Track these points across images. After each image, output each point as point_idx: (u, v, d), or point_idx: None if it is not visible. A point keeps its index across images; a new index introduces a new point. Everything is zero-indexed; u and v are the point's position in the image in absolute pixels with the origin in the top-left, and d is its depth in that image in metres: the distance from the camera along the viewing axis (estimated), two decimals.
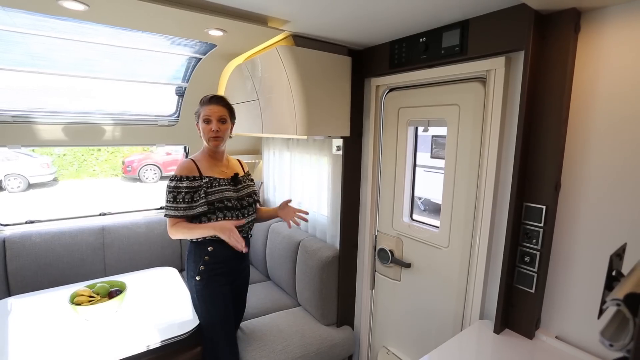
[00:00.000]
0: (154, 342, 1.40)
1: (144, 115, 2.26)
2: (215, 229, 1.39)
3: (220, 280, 1.51)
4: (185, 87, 2.16)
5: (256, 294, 2.24)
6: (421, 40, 1.39)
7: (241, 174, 1.61)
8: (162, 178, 8.69)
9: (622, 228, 0.99)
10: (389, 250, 1.70)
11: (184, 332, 1.46)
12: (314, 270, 1.93)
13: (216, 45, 1.75)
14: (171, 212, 1.41)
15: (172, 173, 1.46)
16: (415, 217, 1.69)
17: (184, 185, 1.40)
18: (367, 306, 1.91)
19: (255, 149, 2.95)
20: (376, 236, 1.81)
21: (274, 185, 2.77)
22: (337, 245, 1.96)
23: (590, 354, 1.07)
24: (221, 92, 2.25)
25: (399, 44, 1.50)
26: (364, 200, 1.85)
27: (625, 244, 0.78)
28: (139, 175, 8.64)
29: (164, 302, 1.71)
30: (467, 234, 1.36)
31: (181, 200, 1.41)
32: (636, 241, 0.96)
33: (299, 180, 2.43)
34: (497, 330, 1.19)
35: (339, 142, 1.89)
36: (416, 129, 1.63)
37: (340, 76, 1.69)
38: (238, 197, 1.52)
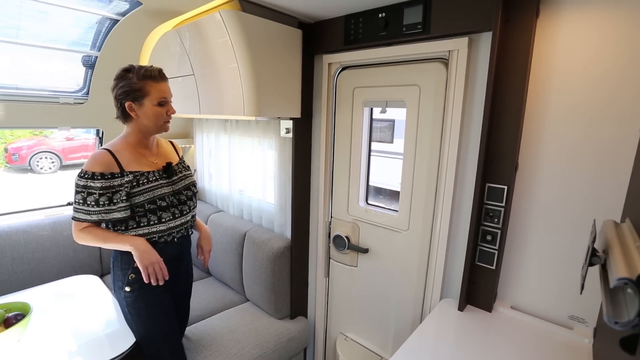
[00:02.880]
0: None
1: (38, 90, 1.80)
2: (135, 250, 1.16)
3: (156, 288, 1.26)
4: (96, 57, 1.77)
5: (197, 293, 2.02)
6: (380, 15, 1.32)
7: (175, 161, 1.36)
8: (63, 167, 7.44)
9: (573, 206, 1.07)
10: (345, 237, 1.66)
11: (117, 355, 1.22)
12: (264, 263, 1.80)
13: (141, 4, 1.44)
14: (80, 216, 1.15)
15: (75, 161, 1.15)
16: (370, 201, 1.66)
17: (98, 185, 1.12)
18: (322, 295, 1.85)
19: (186, 132, 2.63)
20: (330, 222, 1.75)
21: (210, 173, 2.51)
22: (287, 235, 1.86)
23: (541, 319, 1.17)
24: (143, 64, 1.91)
25: (355, 18, 1.40)
26: (316, 185, 1.76)
27: (594, 221, 0.83)
28: (29, 165, 7.25)
29: (85, 319, 1.42)
30: (427, 217, 1.37)
31: (93, 202, 1.13)
32: (588, 218, 1.04)
33: (240, 166, 2.23)
34: (461, 307, 1.23)
35: (287, 124, 1.75)
36: (372, 110, 1.58)
37: (290, 51, 1.53)
38: (174, 192, 1.28)
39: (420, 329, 1.16)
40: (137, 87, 1.17)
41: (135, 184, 1.18)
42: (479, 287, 1.23)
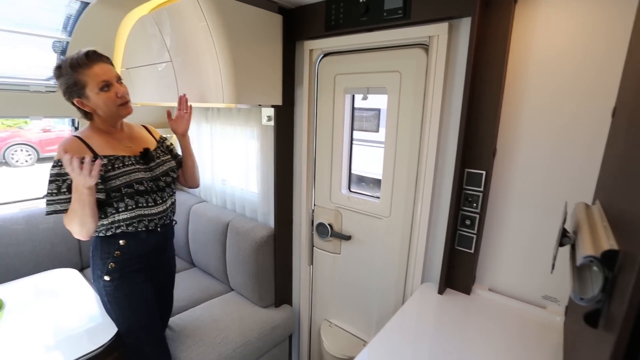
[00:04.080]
0: None
1: (7, 78, 1.72)
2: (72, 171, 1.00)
3: (136, 277, 1.26)
4: (67, 42, 1.70)
5: (181, 284, 2.00)
6: (361, 0, 1.30)
7: (152, 145, 1.32)
8: (40, 160, 7.20)
9: (548, 190, 1.09)
10: (328, 224, 1.66)
11: (97, 347, 1.20)
12: (247, 252, 1.79)
13: None
14: (57, 207, 1.08)
15: (53, 154, 1.09)
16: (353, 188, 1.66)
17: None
18: (306, 282, 1.86)
19: (166, 121, 2.56)
20: (313, 210, 1.75)
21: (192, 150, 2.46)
22: (271, 224, 1.85)
23: (517, 299, 1.20)
24: (119, 51, 1.84)
25: (336, 3, 1.38)
26: (299, 173, 1.75)
27: (566, 203, 0.85)
28: (4, 158, 6.99)
29: (63, 313, 1.39)
30: (408, 203, 1.38)
31: (66, 190, 1.08)
32: (563, 201, 1.07)
33: (223, 155, 2.20)
34: (441, 291, 1.26)
35: (269, 111, 1.73)
36: (353, 97, 1.57)
37: (271, 37, 1.50)
38: (152, 178, 1.25)
39: (401, 312, 1.19)
40: (72, 82, 1.09)
41: (110, 167, 1.14)
42: (458, 271, 1.26)
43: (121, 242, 1.21)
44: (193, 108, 1.44)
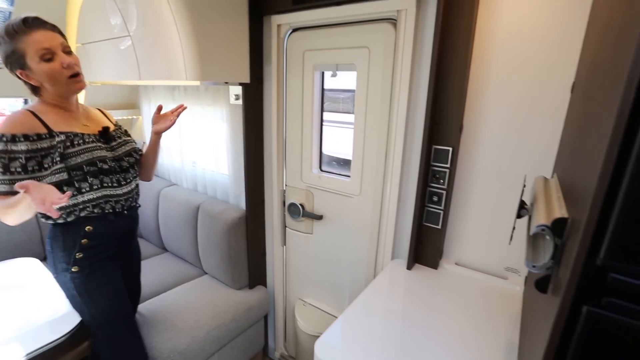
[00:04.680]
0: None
1: None
2: (33, 193, 0.86)
3: (108, 265, 1.19)
4: (10, 12, 1.55)
5: (153, 269, 1.96)
6: None
7: (111, 127, 1.24)
8: None
9: (511, 165, 1.12)
10: (300, 204, 1.65)
11: (60, 336, 1.16)
12: (219, 235, 1.76)
13: None
14: (1, 188, 0.98)
15: None
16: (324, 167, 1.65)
17: (22, 148, 0.96)
18: (279, 263, 1.86)
19: (131, 102, 2.44)
20: (284, 191, 1.73)
21: (161, 145, 2.37)
22: (242, 205, 1.82)
23: (481, 272, 1.25)
24: (73, 25, 1.71)
25: None
26: (269, 153, 1.71)
27: (525, 176, 0.87)
28: None
29: (24, 304, 1.33)
30: (378, 180, 1.38)
31: (19, 169, 0.97)
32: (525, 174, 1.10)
33: (192, 137, 2.12)
34: (410, 266, 1.28)
35: (237, 90, 1.67)
36: (323, 74, 1.53)
37: (236, 10, 1.43)
38: (115, 158, 1.17)
39: (371, 287, 1.20)
40: (10, 51, 0.98)
41: (69, 144, 1.04)
42: (426, 247, 1.29)
43: (87, 228, 1.12)
44: (160, 87, 1.37)
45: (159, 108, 1.36)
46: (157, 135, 1.35)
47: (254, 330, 1.87)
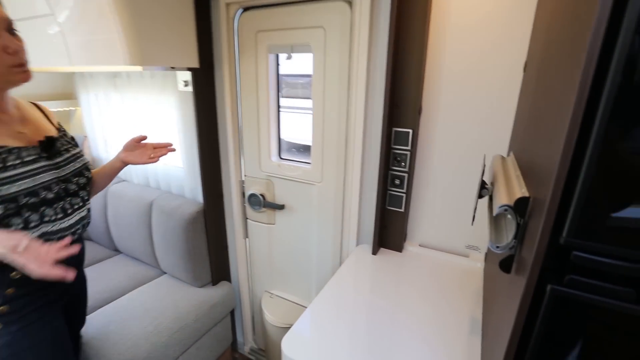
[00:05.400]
0: None
1: None
2: (15, 253, 0.71)
3: (44, 316, 0.92)
4: None
5: (105, 273, 1.82)
6: None
7: (52, 131, 0.96)
8: None
9: (469, 145, 1.13)
10: (260, 195, 1.59)
11: None
12: (176, 231, 1.66)
13: None
14: None
15: None
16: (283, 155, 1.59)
17: None
18: (243, 256, 1.80)
19: (67, 92, 2.20)
20: (243, 181, 1.65)
21: (105, 139, 2.18)
22: (200, 199, 1.72)
23: (444, 252, 1.27)
24: None
25: None
26: (225, 143, 1.62)
27: (485, 156, 0.87)
28: None
29: None
30: (339, 166, 1.35)
31: None
32: (482, 155, 1.11)
33: (139, 129, 1.96)
34: (375, 251, 1.28)
35: (185, 75, 1.55)
36: (277, 57, 1.45)
37: None
38: (62, 179, 0.90)
39: (337, 275, 1.19)
40: None
41: (1, 165, 0.78)
42: (390, 230, 1.28)
43: (13, 274, 0.84)
44: (99, 75, 1.19)
45: (140, 138, 1.12)
46: (122, 164, 1.12)
47: (220, 327, 1.80)
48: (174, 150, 1.17)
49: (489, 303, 0.90)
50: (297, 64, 1.47)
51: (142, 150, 1.12)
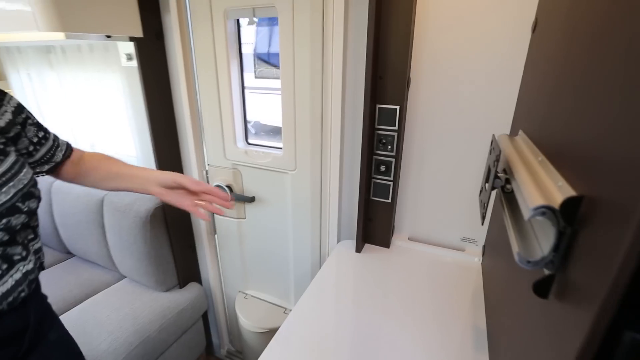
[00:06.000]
0: None
1: None
2: None
3: None
4: None
5: (54, 281, 1.59)
6: None
7: None
8: None
9: (463, 123, 0.96)
10: (227, 186, 1.38)
11: None
12: (132, 230, 1.44)
13: None
14: None
15: None
16: (251, 140, 1.38)
17: None
18: (212, 255, 1.60)
19: None
20: (207, 171, 1.44)
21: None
22: None
23: (436, 246, 1.12)
24: None
25: None
26: (183, 127, 1.39)
27: (494, 136, 0.70)
28: None
29: None
30: (315, 152, 1.16)
31: None
32: (478, 136, 0.95)
33: (84, 113, 1.69)
34: (359, 248, 1.11)
35: (128, 48, 1.30)
36: (238, 23, 1.22)
37: None
38: None
39: (320, 276, 1.02)
40: None
41: None
42: (376, 224, 1.12)
43: None
44: (28, 50, 0.93)
45: (192, 183, 0.78)
46: (153, 191, 0.79)
47: (191, 333, 1.62)
48: (231, 207, 0.85)
49: (497, 312, 0.76)
50: (273, 41, 1.25)
51: (189, 197, 0.79)
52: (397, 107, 0.95)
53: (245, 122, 1.34)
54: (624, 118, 0.32)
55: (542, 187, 0.46)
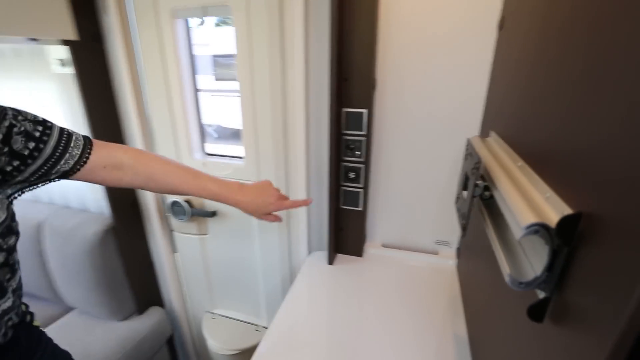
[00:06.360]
0: None
1: None
2: None
3: None
4: None
5: None
6: None
7: None
8: None
9: (432, 125, 0.93)
10: (185, 201, 1.27)
11: None
12: (79, 257, 1.29)
13: None
14: None
15: None
16: (210, 150, 1.28)
17: None
18: (173, 275, 1.48)
19: None
20: None
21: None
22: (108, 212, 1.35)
23: (411, 251, 1.09)
24: None
25: None
26: (132, 140, 1.26)
27: (468, 140, 0.67)
28: None
29: None
30: (279, 160, 1.09)
31: None
32: (449, 137, 0.92)
33: None
34: (331, 260, 1.06)
35: (60, 52, 1.15)
36: (187, 22, 1.12)
37: None
38: None
39: (292, 292, 0.96)
40: None
41: None
42: (347, 233, 1.07)
43: None
44: None
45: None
46: (235, 206, 0.80)
47: None
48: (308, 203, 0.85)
49: (477, 321, 0.73)
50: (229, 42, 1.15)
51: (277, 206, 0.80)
52: (365, 111, 0.90)
53: (202, 130, 1.24)
54: (630, 120, 0.28)
55: (530, 199, 0.43)
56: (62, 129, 0.61)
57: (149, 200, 1.32)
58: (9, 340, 0.59)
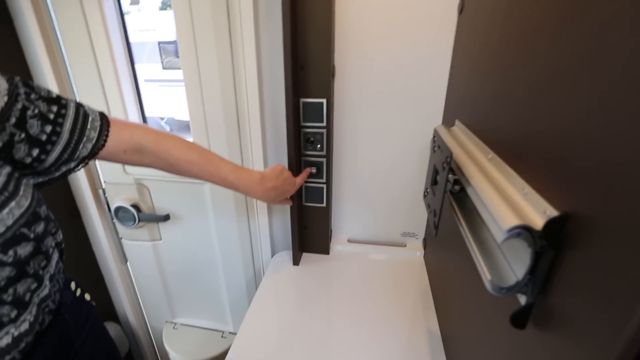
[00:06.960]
0: None
1: None
2: None
3: None
4: None
5: None
6: None
7: None
8: None
9: (395, 114, 0.89)
10: (132, 206, 1.15)
11: None
12: None
13: None
14: None
15: None
16: None
17: None
18: (126, 286, 1.35)
19: None
20: (104, 191, 1.18)
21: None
22: None
23: (378, 244, 1.06)
24: None
25: None
26: None
27: (435, 130, 0.63)
28: None
29: None
30: (234, 156, 1.00)
31: None
32: (414, 126, 0.89)
33: None
34: (297, 260, 1.00)
35: None
36: (119, 2, 0.98)
37: None
38: None
39: (259, 295, 0.90)
40: None
41: None
42: (312, 231, 1.01)
43: None
44: None
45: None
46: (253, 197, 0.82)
47: None
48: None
49: (448, 315, 0.71)
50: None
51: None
52: (324, 100, 0.83)
53: (146, 124, 1.11)
54: (609, 100, 0.25)
55: (507, 197, 0.39)
56: (78, 106, 0.54)
57: (89, 207, 1.17)
58: (47, 326, 0.56)
